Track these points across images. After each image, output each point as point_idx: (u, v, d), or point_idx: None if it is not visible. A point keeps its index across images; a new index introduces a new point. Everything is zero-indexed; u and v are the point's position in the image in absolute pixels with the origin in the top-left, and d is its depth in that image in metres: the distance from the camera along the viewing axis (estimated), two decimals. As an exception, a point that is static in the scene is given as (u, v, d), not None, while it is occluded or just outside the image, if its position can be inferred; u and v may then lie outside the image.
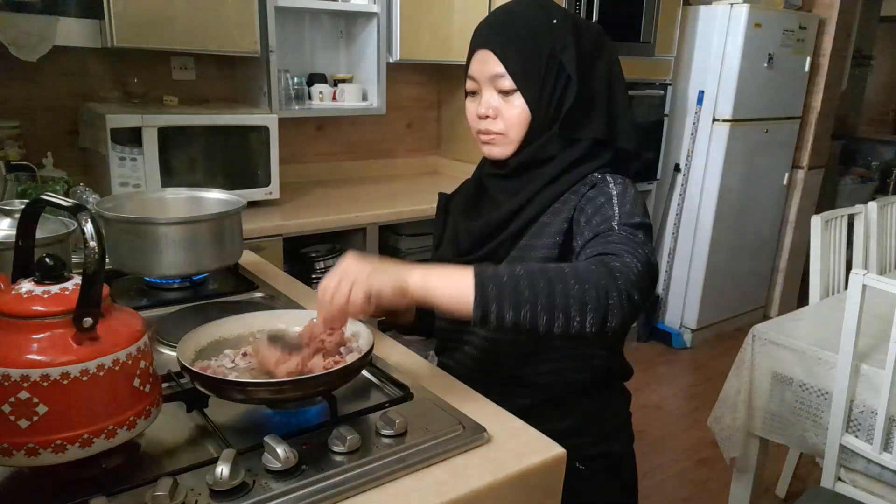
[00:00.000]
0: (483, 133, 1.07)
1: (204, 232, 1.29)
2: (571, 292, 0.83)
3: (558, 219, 1.02)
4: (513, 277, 0.84)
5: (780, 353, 1.80)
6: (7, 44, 1.98)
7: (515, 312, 0.82)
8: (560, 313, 0.82)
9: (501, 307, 0.82)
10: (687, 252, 3.62)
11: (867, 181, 5.17)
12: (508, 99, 1.03)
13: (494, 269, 0.85)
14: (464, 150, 3.17)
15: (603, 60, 1.05)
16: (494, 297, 0.82)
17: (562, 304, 0.82)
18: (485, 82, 1.05)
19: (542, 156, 1.05)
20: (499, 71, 1.02)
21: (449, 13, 2.75)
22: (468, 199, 1.17)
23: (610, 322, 0.83)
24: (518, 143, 1.05)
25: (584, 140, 1.04)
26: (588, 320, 0.83)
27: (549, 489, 0.87)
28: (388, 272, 0.86)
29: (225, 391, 0.83)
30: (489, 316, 0.83)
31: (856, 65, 4.82)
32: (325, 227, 2.37)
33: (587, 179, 1.03)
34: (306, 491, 0.73)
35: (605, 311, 0.82)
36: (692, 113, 3.49)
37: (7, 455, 0.68)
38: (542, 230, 1.03)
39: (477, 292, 0.83)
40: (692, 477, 2.53)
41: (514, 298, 0.82)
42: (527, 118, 1.03)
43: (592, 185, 1.02)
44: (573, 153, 1.04)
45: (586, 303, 0.82)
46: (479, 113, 1.06)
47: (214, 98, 2.65)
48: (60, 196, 0.77)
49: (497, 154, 1.07)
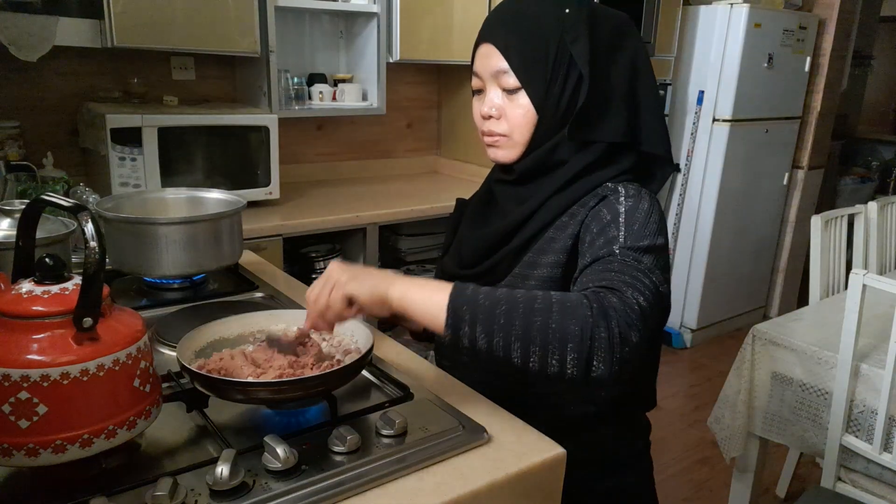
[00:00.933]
0: (487, 134, 0.99)
1: (204, 232, 1.29)
2: (552, 326, 0.74)
3: (564, 234, 0.93)
4: (491, 301, 0.78)
5: (780, 353, 1.80)
6: (7, 44, 1.98)
7: (488, 338, 0.77)
8: (536, 347, 0.75)
9: (474, 331, 0.77)
10: (687, 252, 3.62)
11: (867, 181, 5.16)
12: (513, 97, 0.94)
13: (474, 290, 0.80)
14: (464, 151, 3.18)
15: (625, 53, 0.94)
16: (468, 319, 0.77)
17: (539, 338, 0.74)
18: (489, 79, 0.96)
19: (550, 161, 0.95)
20: (502, 67, 0.93)
21: (449, 13, 2.75)
22: (477, 207, 1.09)
23: (596, 366, 0.74)
24: (524, 146, 0.96)
25: (599, 143, 0.94)
26: (568, 360, 0.74)
27: (549, 489, 0.87)
28: (370, 280, 0.84)
29: (225, 391, 0.83)
30: (461, 339, 0.78)
31: (856, 65, 4.82)
32: (324, 227, 2.37)
33: (598, 191, 0.93)
34: (306, 491, 0.73)
35: (588, 353, 0.73)
36: (692, 113, 3.49)
37: (7, 455, 0.68)
38: (548, 246, 0.94)
39: (449, 312, 0.78)
40: (692, 477, 2.53)
41: (487, 323, 0.77)
42: (533, 118, 0.94)
43: (602, 197, 0.92)
44: (586, 158, 0.94)
45: (567, 340, 0.74)
46: (483, 112, 0.97)
47: (214, 98, 2.65)
48: (61, 196, 0.77)
49: (501, 158, 0.99)
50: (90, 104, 2.24)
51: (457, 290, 0.80)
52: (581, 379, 0.75)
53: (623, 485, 1.05)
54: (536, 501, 0.86)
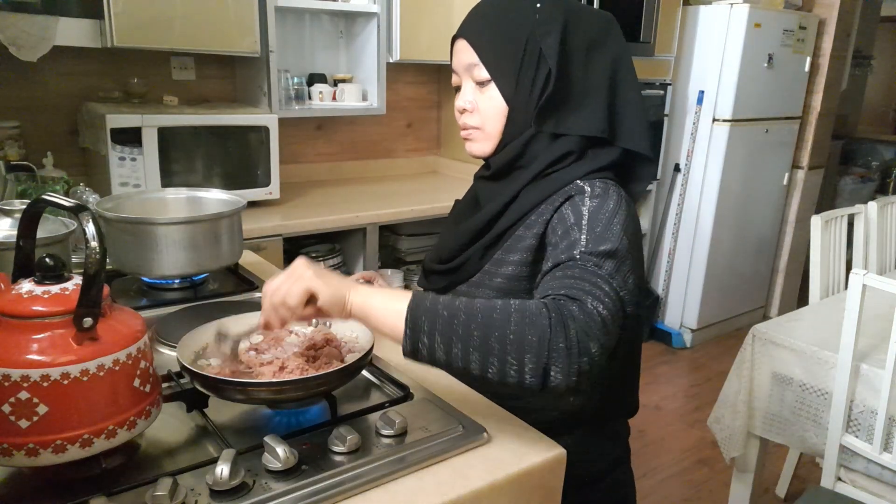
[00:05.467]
0: (462, 128, 1.01)
1: (204, 232, 1.29)
2: (509, 336, 0.73)
3: (530, 233, 0.93)
4: (450, 311, 0.76)
5: (780, 353, 1.80)
6: (7, 44, 1.98)
7: (446, 349, 0.75)
8: (494, 358, 0.74)
9: (433, 341, 0.76)
10: (687, 252, 3.62)
11: (867, 181, 5.16)
12: (484, 90, 0.96)
13: (433, 300, 0.78)
14: (463, 151, 3.15)
15: (606, 51, 0.96)
16: (426, 330, 0.76)
17: (497, 348, 0.74)
18: (463, 74, 0.99)
19: (526, 154, 0.96)
20: (473, 60, 0.96)
21: (449, 13, 2.75)
22: (461, 205, 1.12)
23: (554, 376, 0.73)
24: (497, 139, 0.98)
25: (573, 137, 0.94)
26: (526, 370, 0.73)
27: (549, 489, 0.87)
28: (333, 281, 0.82)
29: (225, 391, 0.83)
30: (420, 350, 0.77)
31: (856, 65, 4.82)
32: (325, 227, 2.37)
33: (567, 189, 0.92)
34: (306, 491, 0.73)
35: (545, 362, 0.72)
36: (692, 113, 3.49)
37: (7, 455, 0.68)
38: (516, 244, 0.95)
39: (408, 323, 0.77)
40: (692, 477, 2.53)
41: (446, 333, 0.75)
42: (503, 110, 0.96)
43: (569, 196, 0.91)
44: (558, 150, 0.94)
45: (524, 350, 0.73)
46: (457, 106, 1.00)
47: (214, 98, 2.65)
48: (62, 196, 0.77)
49: (476, 151, 1.01)
50: (90, 104, 2.24)
51: (416, 299, 0.79)
52: (538, 388, 0.74)
53: (592, 498, 1.02)
54: (536, 501, 0.86)
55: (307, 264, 0.84)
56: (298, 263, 0.84)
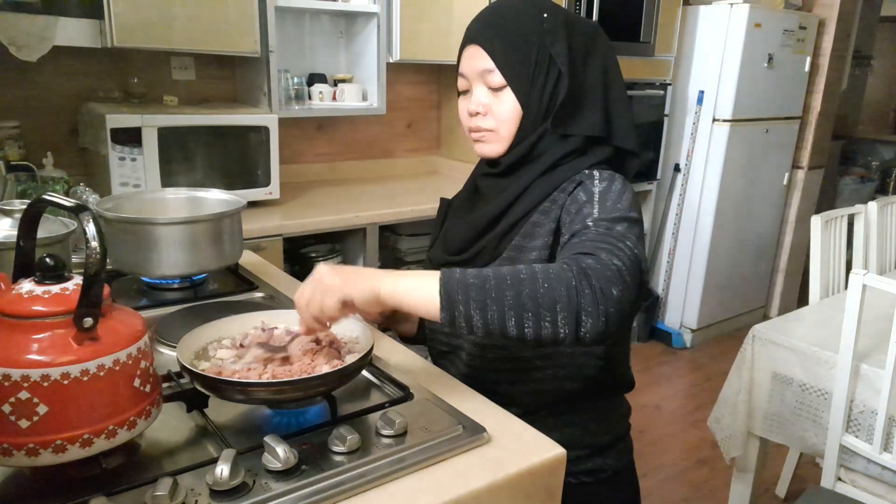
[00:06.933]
0: (474, 130, 1.05)
1: (204, 232, 1.29)
2: (540, 292, 0.80)
3: (548, 219, 1.00)
4: (480, 279, 0.82)
5: (780, 353, 1.80)
6: (7, 44, 1.98)
7: (482, 314, 0.80)
8: (529, 313, 0.79)
9: (468, 308, 0.80)
10: (687, 252, 3.62)
11: (867, 181, 5.16)
12: (499, 95, 1.02)
13: (462, 272, 0.83)
14: (464, 151, 3.17)
15: (598, 56, 1.03)
16: (461, 299, 0.81)
17: (530, 305, 0.79)
18: (475, 79, 1.03)
19: (534, 152, 1.03)
20: (488, 66, 1.00)
21: (449, 13, 2.75)
22: (463, 201, 1.16)
23: (584, 322, 0.79)
24: (510, 140, 1.03)
25: (577, 136, 1.02)
26: (559, 321, 0.79)
27: (550, 489, 0.87)
28: (360, 280, 0.85)
29: (225, 391, 0.83)
30: (457, 319, 0.81)
31: (856, 65, 4.82)
32: (325, 227, 2.37)
33: (576, 177, 1.00)
34: (306, 491, 0.73)
35: (577, 311, 0.79)
36: (692, 113, 3.49)
37: (7, 455, 0.68)
38: (534, 230, 1.01)
39: (442, 296, 0.81)
40: (692, 477, 2.53)
41: (480, 300, 0.80)
42: (518, 114, 1.01)
43: (579, 182, 0.99)
44: (565, 148, 1.01)
45: (556, 301, 0.79)
46: (470, 110, 1.04)
47: (214, 98, 2.65)
48: (62, 196, 0.77)
49: (489, 152, 1.05)
50: (90, 104, 2.24)
51: (445, 274, 0.83)
52: (572, 339, 0.80)
53: (604, 464, 1.10)
54: (536, 501, 0.86)
55: (332, 272, 0.87)
56: (323, 271, 0.87)
